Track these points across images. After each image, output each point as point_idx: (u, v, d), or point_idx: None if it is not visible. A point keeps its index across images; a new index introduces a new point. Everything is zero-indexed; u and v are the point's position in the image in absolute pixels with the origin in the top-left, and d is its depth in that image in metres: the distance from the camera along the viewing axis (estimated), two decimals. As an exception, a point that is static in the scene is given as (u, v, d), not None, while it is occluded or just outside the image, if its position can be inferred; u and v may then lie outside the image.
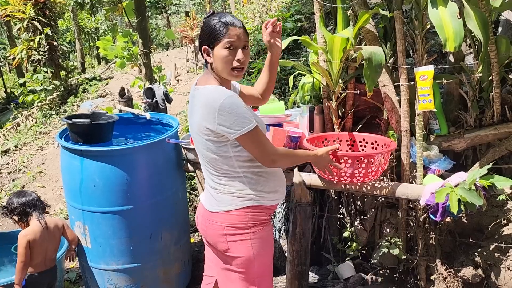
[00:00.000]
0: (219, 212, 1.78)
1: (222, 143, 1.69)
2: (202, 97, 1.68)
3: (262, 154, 1.70)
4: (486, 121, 2.30)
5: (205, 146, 1.73)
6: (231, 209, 1.76)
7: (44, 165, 6.01)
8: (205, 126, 1.66)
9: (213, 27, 1.68)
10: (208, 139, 1.69)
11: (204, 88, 1.70)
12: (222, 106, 1.60)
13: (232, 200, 1.76)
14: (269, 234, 1.86)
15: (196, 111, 1.71)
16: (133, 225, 2.58)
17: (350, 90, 2.52)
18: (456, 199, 1.86)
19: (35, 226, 2.55)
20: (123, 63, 4.82)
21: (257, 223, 1.78)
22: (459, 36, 1.80)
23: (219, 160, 1.73)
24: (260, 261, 1.80)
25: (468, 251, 2.31)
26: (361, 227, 2.71)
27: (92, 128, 2.70)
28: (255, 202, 1.77)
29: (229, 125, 1.62)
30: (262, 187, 1.79)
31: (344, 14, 2.45)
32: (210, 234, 1.84)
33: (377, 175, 2.19)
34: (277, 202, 1.88)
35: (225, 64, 1.68)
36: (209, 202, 1.84)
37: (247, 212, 1.76)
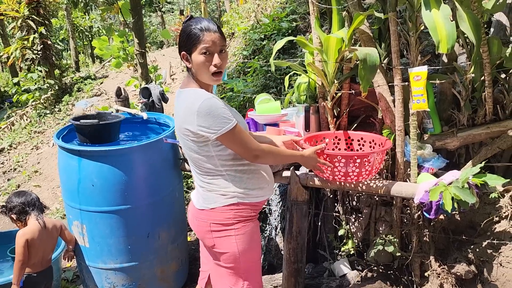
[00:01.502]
0: (205, 209, 1.85)
1: (203, 143, 1.74)
2: (183, 100, 1.75)
3: (245, 151, 1.75)
4: (478, 120, 2.34)
5: (188, 146, 1.80)
6: (216, 206, 1.83)
7: (40, 165, 6.01)
8: (185, 128, 1.72)
9: (189, 33, 1.73)
10: (190, 140, 1.75)
11: (185, 91, 1.78)
12: (200, 109, 1.66)
13: (217, 198, 1.83)
14: (254, 230, 1.91)
15: (178, 113, 1.78)
16: (130, 225, 2.61)
17: (345, 90, 2.55)
18: (449, 197, 1.90)
19: (33, 225, 2.56)
20: (119, 63, 4.83)
21: (241, 219, 1.84)
22: (451, 38, 1.83)
23: (202, 160, 1.80)
24: (246, 256, 1.86)
25: (461, 247, 2.35)
26: (356, 224, 2.74)
27: (100, 128, 2.73)
28: (239, 199, 1.83)
29: (208, 126, 1.67)
30: (246, 185, 1.84)
31: (339, 15, 2.48)
32: (198, 230, 1.92)
33: (371, 174, 2.21)
34: (263, 199, 1.93)
35: (203, 69, 1.74)
36: (197, 200, 1.92)
37: (230, 209, 1.82)
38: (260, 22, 4.73)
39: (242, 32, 5.14)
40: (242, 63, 4.51)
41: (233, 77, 4.48)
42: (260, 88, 3.73)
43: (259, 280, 1.99)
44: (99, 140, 2.73)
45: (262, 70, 3.93)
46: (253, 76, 3.98)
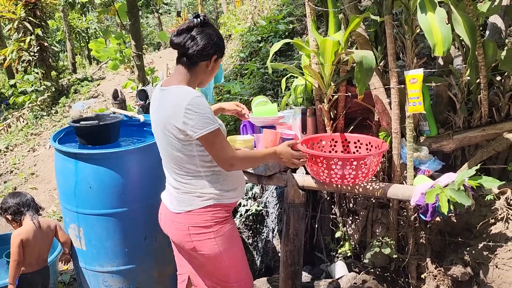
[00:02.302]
0: (182, 212, 1.85)
1: (187, 142, 1.75)
2: (171, 96, 1.74)
3: (221, 156, 1.76)
4: (474, 122, 2.35)
5: (171, 144, 1.79)
6: (192, 209, 1.83)
7: (36, 167, 5.99)
8: (173, 124, 1.72)
9: (224, 42, 1.80)
10: (174, 137, 1.75)
11: (173, 88, 1.77)
12: (189, 105, 1.67)
13: (193, 200, 1.83)
14: (232, 229, 1.93)
15: (163, 110, 1.77)
16: (127, 227, 2.60)
17: (341, 93, 2.56)
18: (445, 200, 1.91)
19: (28, 225, 2.56)
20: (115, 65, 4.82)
21: (219, 221, 1.85)
22: (447, 41, 1.84)
23: (184, 159, 1.80)
24: (229, 255, 1.88)
25: (457, 249, 2.36)
26: (353, 227, 2.75)
27: (100, 129, 2.73)
28: (214, 201, 1.84)
29: (193, 124, 1.68)
30: (222, 186, 1.86)
31: (336, 18, 2.49)
32: (175, 234, 1.91)
33: (368, 176, 2.22)
34: (236, 200, 1.95)
35: (212, 76, 1.83)
36: (170, 202, 1.92)
37: (207, 211, 1.83)
38: (257, 24, 4.74)
39: (239, 34, 5.14)
40: (239, 65, 4.51)
41: (230, 79, 4.48)
42: (257, 90, 3.73)
43: (248, 272, 2.01)
44: (100, 142, 2.73)
45: (259, 72, 3.93)
46: (250, 78, 3.99)
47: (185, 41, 1.76)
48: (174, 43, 1.79)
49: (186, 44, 1.76)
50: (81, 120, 2.79)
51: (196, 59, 1.78)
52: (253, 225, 3.41)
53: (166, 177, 1.99)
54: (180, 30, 1.78)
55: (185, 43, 1.76)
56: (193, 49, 1.75)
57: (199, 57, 1.77)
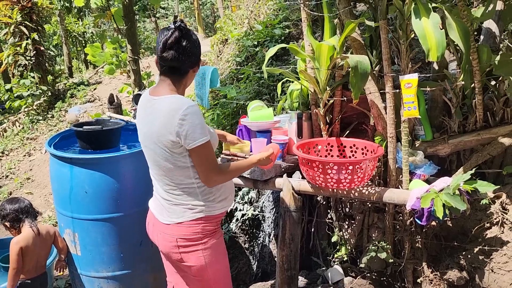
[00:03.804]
0: (171, 224, 1.82)
1: (181, 155, 1.71)
2: (165, 106, 1.69)
3: (207, 171, 1.72)
4: (469, 127, 2.36)
5: (163, 156, 1.74)
6: (183, 220, 1.80)
7: (32, 171, 5.96)
8: (167, 137, 1.68)
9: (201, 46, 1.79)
10: (167, 149, 1.71)
11: (165, 98, 1.72)
12: (184, 115, 1.64)
13: (184, 212, 1.80)
14: (220, 242, 1.91)
15: (155, 120, 1.72)
16: (123, 232, 2.59)
17: (337, 97, 2.57)
18: (441, 204, 1.91)
19: (27, 233, 2.55)
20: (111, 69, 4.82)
21: (208, 233, 1.83)
22: (441, 46, 1.85)
23: (176, 171, 1.75)
24: (214, 268, 1.86)
25: (453, 254, 2.36)
26: (349, 231, 2.75)
27: (103, 134, 2.74)
28: (205, 213, 1.81)
29: (186, 135, 1.65)
30: (214, 197, 1.83)
31: (331, 22, 2.50)
32: (162, 244, 1.88)
33: (363, 180, 2.23)
34: (225, 209, 1.93)
35: (192, 80, 1.82)
36: (160, 213, 1.87)
37: (198, 224, 1.80)
38: (253, 29, 4.75)
39: (236, 39, 5.15)
40: (235, 69, 4.52)
41: (226, 83, 4.48)
42: (253, 95, 3.74)
43: (230, 285, 2.00)
44: (102, 146, 2.74)
45: (255, 76, 3.94)
46: (246, 83, 3.99)
47: (178, 55, 1.69)
48: (168, 58, 1.70)
49: (180, 58, 1.70)
50: (84, 125, 2.80)
51: (188, 68, 1.76)
52: (249, 229, 3.41)
53: (154, 186, 1.94)
54: (168, 44, 1.67)
55: (178, 56, 1.69)
56: (187, 60, 1.72)
57: (190, 66, 1.76)
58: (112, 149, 2.78)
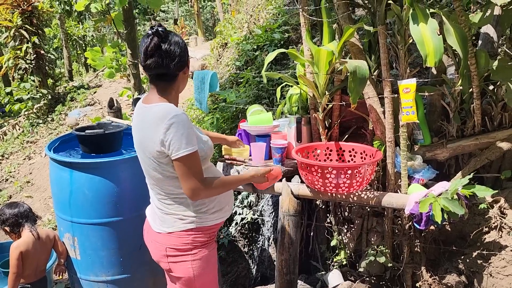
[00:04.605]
0: (162, 233, 1.78)
1: (168, 164, 1.66)
2: (153, 115, 1.63)
3: (191, 183, 1.63)
4: (467, 131, 2.37)
5: (151, 166, 1.70)
6: (173, 230, 1.76)
7: (32, 175, 5.97)
8: (152, 147, 1.63)
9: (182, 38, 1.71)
10: (155, 159, 1.66)
11: (156, 106, 1.66)
12: (169, 123, 1.57)
13: (174, 222, 1.76)
14: (212, 254, 1.85)
15: (144, 130, 1.68)
16: (122, 236, 2.60)
17: (336, 102, 2.58)
18: (439, 209, 1.91)
19: (27, 237, 2.55)
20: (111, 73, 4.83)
21: (198, 245, 1.77)
22: (439, 52, 1.86)
23: (165, 181, 1.71)
24: (202, 281, 1.81)
25: (452, 258, 2.36)
26: (348, 235, 2.75)
27: (105, 138, 2.75)
28: (197, 224, 1.76)
29: (170, 143, 1.58)
30: (207, 208, 1.77)
31: (330, 27, 2.51)
32: (153, 252, 1.86)
33: (362, 185, 2.23)
34: (221, 220, 1.86)
35: (185, 83, 1.75)
36: (153, 220, 1.84)
37: (188, 235, 1.75)
38: (253, 33, 4.77)
39: (235, 43, 5.17)
40: (234, 73, 4.53)
41: (226, 87, 4.50)
42: (252, 99, 3.75)
43: None
44: (104, 150, 2.75)
45: (254, 81, 3.95)
46: (246, 87, 4.00)
47: (161, 60, 1.61)
48: (151, 67, 1.63)
49: (164, 63, 1.62)
50: (86, 129, 2.81)
51: (176, 72, 1.67)
52: (248, 233, 3.41)
53: (150, 194, 1.90)
54: (149, 52, 1.61)
55: (162, 62, 1.62)
56: (172, 64, 1.63)
57: (178, 69, 1.67)
58: (113, 153, 2.79)
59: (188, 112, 4.94)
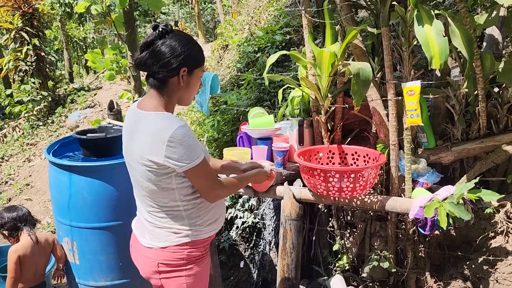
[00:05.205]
0: (153, 248, 1.67)
1: (166, 175, 1.56)
2: (149, 125, 1.54)
3: (208, 188, 1.60)
4: (472, 134, 2.33)
5: (145, 176, 1.59)
6: (167, 245, 1.65)
7: (31, 178, 5.94)
8: (148, 158, 1.53)
9: (199, 49, 1.59)
10: (150, 170, 1.56)
11: (152, 115, 1.55)
12: (172, 137, 1.48)
13: (168, 236, 1.65)
14: (205, 269, 1.77)
15: (139, 139, 1.57)
16: (122, 241, 2.55)
17: (339, 104, 2.54)
18: (444, 214, 1.88)
19: (25, 241, 2.52)
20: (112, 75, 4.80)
21: (193, 259, 1.69)
22: (444, 54, 1.83)
23: (159, 193, 1.61)
24: None
25: (457, 263, 2.33)
26: (351, 239, 2.71)
27: (106, 141, 2.72)
28: (192, 237, 1.67)
29: (178, 158, 1.50)
30: (202, 220, 1.69)
31: (333, 29, 2.48)
32: (142, 269, 1.75)
33: (366, 189, 2.20)
34: (215, 232, 1.79)
35: (193, 92, 1.63)
36: (142, 235, 1.74)
37: (183, 249, 1.66)
38: (254, 35, 4.74)
39: (236, 45, 5.14)
40: (235, 75, 4.50)
41: (227, 89, 4.46)
42: (254, 101, 3.71)
43: None
44: (105, 154, 2.71)
45: (255, 83, 3.91)
46: (247, 89, 3.97)
47: (146, 58, 1.53)
48: (136, 62, 1.57)
49: (148, 62, 1.53)
50: (87, 132, 2.78)
51: (163, 76, 1.55)
52: (249, 237, 3.37)
53: (137, 206, 1.81)
54: (140, 47, 1.56)
55: (146, 60, 1.53)
56: (156, 65, 1.52)
57: (165, 74, 1.54)
58: (113, 157, 2.76)
59: (188, 114, 4.91)
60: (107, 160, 2.57)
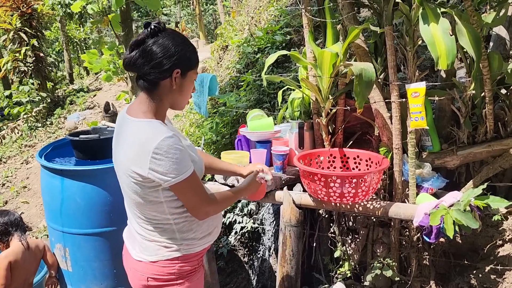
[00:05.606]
0: (143, 261, 1.58)
1: (152, 188, 1.46)
2: (135, 134, 1.44)
3: (197, 205, 1.50)
4: (479, 138, 2.25)
5: (131, 188, 1.50)
6: (157, 259, 1.56)
7: (29, 180, 5.87)
8: (133, 170, 1.43)
9: (193, 49, 1.49)
10: (136, 182, 1.46)
11: (138, 122, 1.46)
12: (157, 149, 1.37)
13: (158, 250, 1.56)
14: (198, 283, 1.67)
15: (124, 148, 1.48)
16: (116, 247, 2.45)
17: (340, 106, 2.46)
18: (451, 222, 1.79)
19: (16, 247, 2.45)
20: (109, 76, 4.72)
21: (184, 274, 1.59)
22: (451, 54, 1.74)
23: (146, 206, 1.51)
24: None
25: (463, 272, 2.24)
26: (353, 246, 2.63)
27: (100, 143, 2.64)
28: (184, 252, 1.57)
29: (163, 172, 1.39)
30: (195, 234, 1.59)
31: (334, 28, 2.40)
32: (132, 281, 1.67)
33: (368, 194, 2.12)
34: (209, 243, 1.70)
35: (187, 96, 1.53)
36: (133, 246, 1.65)
37: (174, 263, 1.57)
38: (254, 35, 4.66)
39: (236, 45, 5.06)
40: (235, 77, 4.42)
41: (226, 91, 4.38)
42: (253, 103, 3.63)
43: None
44: (98, 156, 2.64)
45: (255, 84, 3.83)
46: (246, 90, 3.89)
47: (136, 58, 1.42)
48: (125, 62, 1.46)
49: (138, 62, 1.42)
50: (80, 134, 2.70)
51: (154, 78, 1.43)
52: (249, 242, 3.29)
53: (128, 216, 1.71)
54: (130, 46, 1.45)
55: (136, 60, 1.42)
56: (147, 66, 1.41)
57: (156, 76, 1.43)
58: (107, 160, 2.68)
59: (187, 116, 4.83)
60: (100, 164, 2.49)
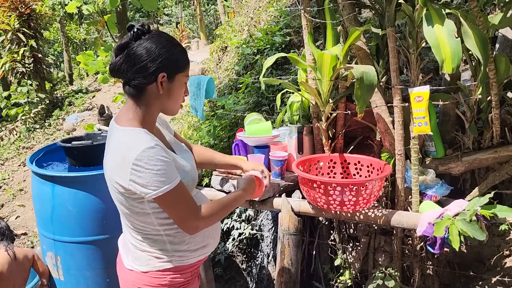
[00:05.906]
0: (134, 271, 1.53)
1: (136, 200, 1.40)
2: (118, 143, 1.39)
3: (184, 219, 1.41)
4: (485, 143, 2.17)
5: (116, 199, 1.46)
6: (148, 270, 1.50)
7: (25, 182, 5.80)
8: (115, 180, 1.38)
9: (181, 51, 1.42)
10: (119, 193, 1.41)
11: (123, 130, 1.40)
12: (138, 160, 1.31)
13: (149, 260, 1.51)
14: None
15: (108, 156, 1.44)
16: (109, 256, 2.40)
17: (340, 110, 2.38)
18: (456, 233, 1.71)
19: (2, 257, 2.37)
20: (105, 78, 4.65)
21: (176, 286, 1.52)
22: (457, 57, 1.66)
23: (134, 216, 1.46)
24: None
25: (468, 284, 2.16)
26: (353, 254, 2.55)
27: (93, 149, 2.56)
28: (175, 263, 1.51)
29: (144, 184, 1.32)
30: (188, 246, 1.53)
31: (334, 30, 2.32)
32: None
33: (369, 202, 2.04)
34: (205, 255, 1.63)
35: (177, 100, 1.45)
36: (126, 255, 1.60)
37: (165, 275, 1.50)
38: (253, 36, 4.58)
39: (235, 46, 4.98)
40: (234, 79, 4.34)
41: (225, 93, 4.30)
42: (252, 106, 3.55)
43: None
44: (92, 163, 2.56)
45: (254, 86, 3.76)
46: (245, 93, 3.81)
47: (121, 63, 1.36)
48: (110, 68, 1.42)
49: (122, 68, 1.36)
50: (73, 140, 2.63)
51: (139, 83, 1.37)
52: (247, 249, 3.22)
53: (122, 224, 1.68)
54: (114, 51, 1.40)
55: (120, 66, 1.36)
56: (131, 71, 1.35)
57: (141, 81, 1.36)
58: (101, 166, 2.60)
59: (185, 119, 4.75)
60: (92, 170, 2.41)
